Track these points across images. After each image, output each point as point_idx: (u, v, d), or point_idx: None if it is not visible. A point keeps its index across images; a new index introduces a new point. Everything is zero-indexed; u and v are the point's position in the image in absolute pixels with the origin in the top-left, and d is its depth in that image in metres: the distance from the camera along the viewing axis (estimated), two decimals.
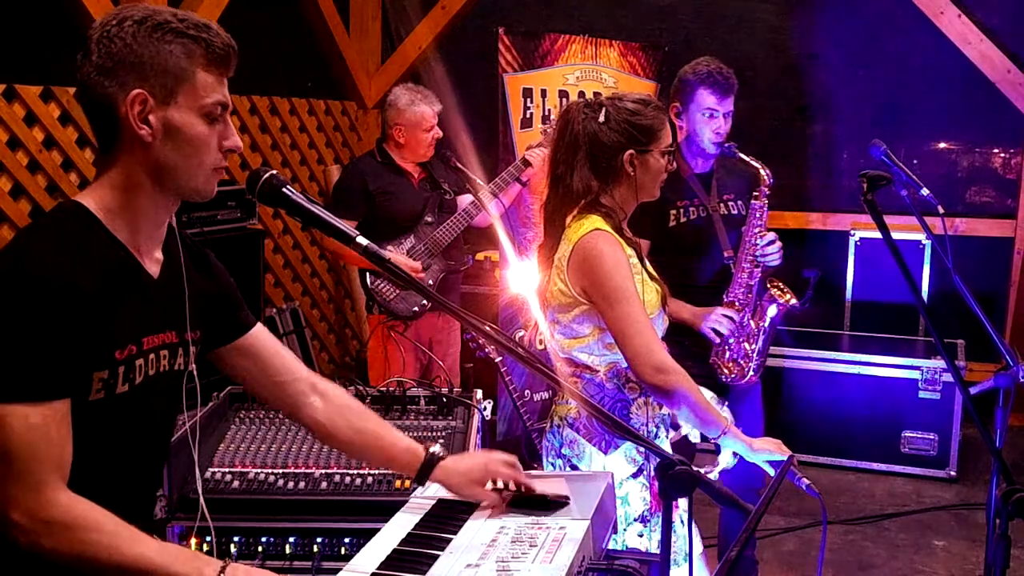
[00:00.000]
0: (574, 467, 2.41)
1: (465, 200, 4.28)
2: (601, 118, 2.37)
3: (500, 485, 1.85)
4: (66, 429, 1.46)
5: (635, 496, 2.39)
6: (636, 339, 2.27)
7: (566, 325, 2.41)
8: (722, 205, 3.36)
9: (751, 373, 3.32)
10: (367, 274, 4.20)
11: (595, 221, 2.35)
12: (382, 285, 4.19)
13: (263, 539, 2.38)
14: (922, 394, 4.93)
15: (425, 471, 1.87)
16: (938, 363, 4.87)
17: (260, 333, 1.86)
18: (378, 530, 1.78)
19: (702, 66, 3.27)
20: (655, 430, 2.45)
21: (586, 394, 2.41)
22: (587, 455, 2.41)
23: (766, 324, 3.29)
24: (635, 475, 2.40)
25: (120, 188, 1.55)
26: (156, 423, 1.70)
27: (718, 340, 3.24)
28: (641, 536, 2.41)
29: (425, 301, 4.18)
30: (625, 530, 2.39)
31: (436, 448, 1.89)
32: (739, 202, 3.40)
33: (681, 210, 3.31)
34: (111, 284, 1.51)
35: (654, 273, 2.48)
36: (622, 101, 2.40)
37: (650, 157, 2.37)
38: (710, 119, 3.25)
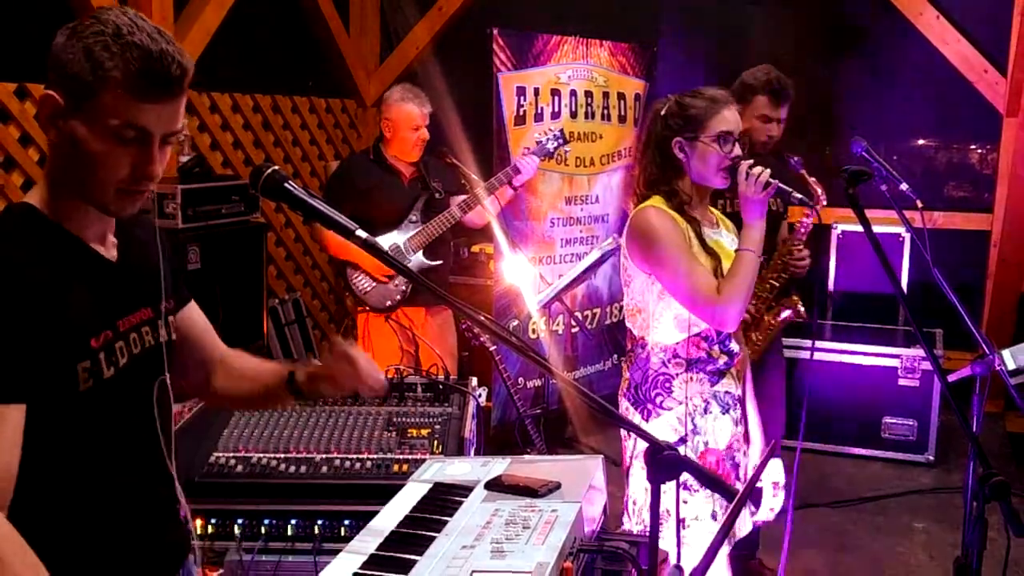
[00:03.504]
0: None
1: (455, 201, 4.30)
2: (663, 112, 2.55)
3: None
4: (11, 441, 1.38)
5: None
6: (698, 294, 2.45)
7: (630, 299, 2.61)
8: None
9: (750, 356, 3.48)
10: (347, 266, 4.25)
11: (653, 200, 2.53)
12: (358, 279, 4.25)
13: (265, 521, 2.41)
14: (902, 381, 5.00)
15: (292, 377, 1.86)
16: (917, 351, 4.94)
17: (194, 308, 1.86)
18: (377, 512, 1.80)
19: (762, 73, 3.48)
20: (703, 405, 2.58)
21: (636, 367, 2.58)
22: (636, 423, 2.53)
23: (776, 322, 3.47)
24: (677, 444, 2.51)
25: (55, 186, 1.52)
26: (153, 397, 1.67)
27: None
28: (686, 503, 2.52)
29: (399, 295, 4.24)
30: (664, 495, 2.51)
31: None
32: (777, 199, 3.57)
33: (728, 201, 3.46)
34: (70, 276, 1.48)
35: (712, 248, 2.60)
36: (682, 95, 2.57)
37: (698, 144, 2.50)
38: (764, 124, 3.47)
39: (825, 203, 3.49)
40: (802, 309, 3.50)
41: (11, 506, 1.39)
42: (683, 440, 2.55)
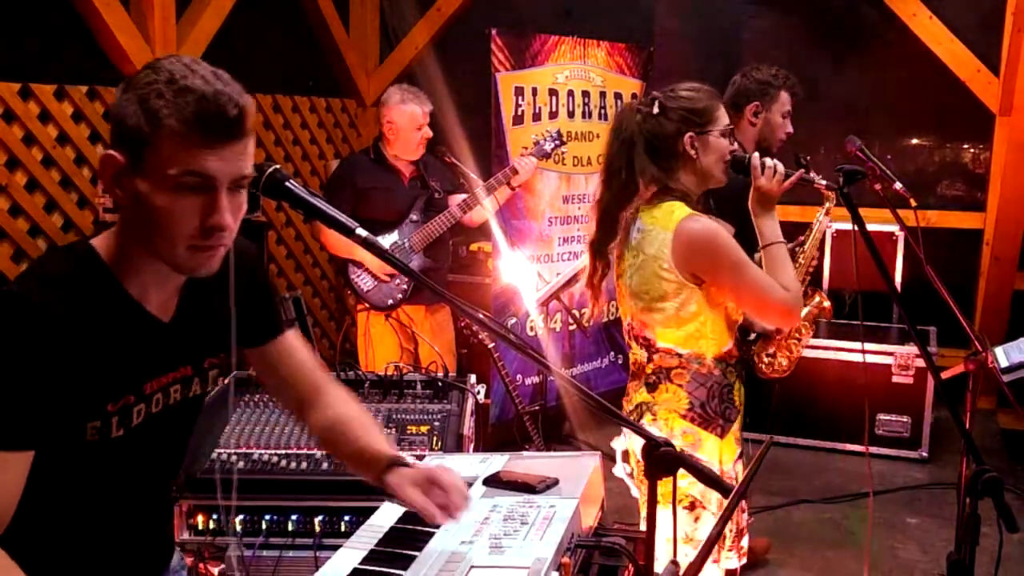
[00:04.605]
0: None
1: (454, 200, 4.34)
2: (655, 110, 2.44)
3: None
4: (13, 485, 1.36)
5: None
6: (771, 297, 2.37)
7: (672, 314, 2.40)
8: None
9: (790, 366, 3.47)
10: (348, 265, 4.29)
11: (679, 207, 2.38)
12: (359, 277, 4.28)
13: (267, 517, 2.46)
14: (896, 378, 5.00)
15: (386, 469, 1.72)
16: (911, 349, 4.95)
17: (287, 341, 1.79)
18: (376, 509, 1.83)
19: (776, 70, 3.46)
20: (743, 412, 2.57)
21: (695, 384, 2.44)
22: (704, 443, 2.44)
23: (809, 325, 3.47)
24: (737, 459, 2.53)
25: (123, 241, 1.47)
26: (162, 452, 1.64)
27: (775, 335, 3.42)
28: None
29: (400, 294, 4.28)
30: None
31: (407, 456, 1.77)
32: None
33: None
34: (108, 336, 1.43)
35: None
36: (674, 91, 2.48)
37: (710, 138, 2.42)
38: (784, 120, 3.46)
39: (835, 202, 3.47)
40: (827, 306, 3.49)
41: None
42: (741, 455, 2.52)
